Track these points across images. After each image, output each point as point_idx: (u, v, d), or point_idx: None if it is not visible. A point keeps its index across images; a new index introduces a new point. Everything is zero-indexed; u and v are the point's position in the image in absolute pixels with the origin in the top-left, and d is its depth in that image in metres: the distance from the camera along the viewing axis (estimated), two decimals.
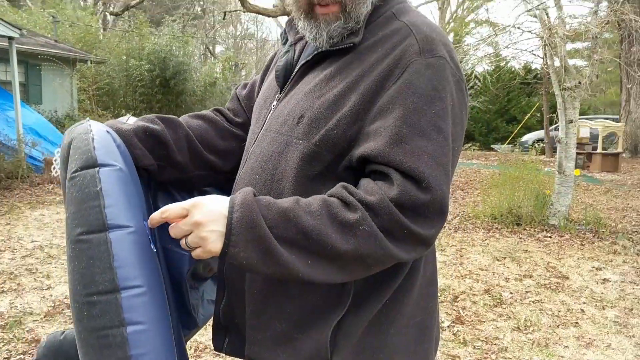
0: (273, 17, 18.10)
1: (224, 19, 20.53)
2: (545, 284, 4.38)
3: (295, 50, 1.19)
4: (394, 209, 0.89)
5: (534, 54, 7.68)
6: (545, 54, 6.53)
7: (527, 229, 6.19)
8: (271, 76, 1.24)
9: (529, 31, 6.81)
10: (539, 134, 18.80)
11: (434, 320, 1.16)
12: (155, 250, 0.97)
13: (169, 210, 0.90)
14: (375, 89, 0.98)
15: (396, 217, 0.89)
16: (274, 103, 1.15)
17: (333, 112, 1.00)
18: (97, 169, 0.91)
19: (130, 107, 15.96)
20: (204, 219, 0.87)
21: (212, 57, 36.10)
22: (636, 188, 10.34)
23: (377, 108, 0.97)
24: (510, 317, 3.69)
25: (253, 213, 0.87)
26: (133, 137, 1.08)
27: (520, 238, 5.84)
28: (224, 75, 24.56)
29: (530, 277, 4.54)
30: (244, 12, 15.96)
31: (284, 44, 1.23)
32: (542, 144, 17.55)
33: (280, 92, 1.15)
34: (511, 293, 4.16)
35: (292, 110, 1.06)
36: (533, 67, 20.21)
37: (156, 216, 0.92)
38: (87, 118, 1.07)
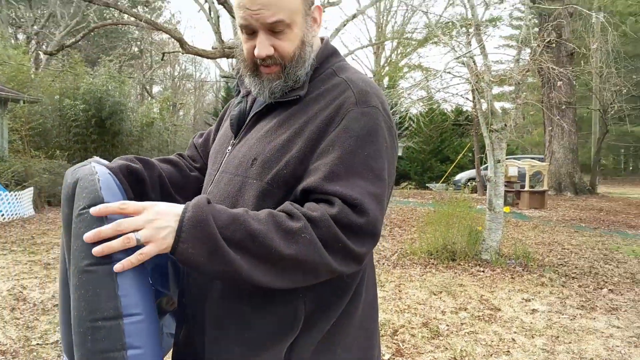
0: (212, 58, 18.23)
1: (162, 59, 20.45)
2: (479, 316, 4.58)
3: (247, 101, 1.33)
4: (333, 224, 1.01)
5: (465, 98, 8.14)
6: (474, 98, 6.95)
7: (462, 264, 6.44)
8: (226, 124, 1.37)
9: (459, 76, 7.24)
10: (471, 173, 19.61)
11: (375, 341, 1.29)
12: (151, 282, 1.05)
13: (128, 204, 0.98)
14: (318, 134, 1.12)
15: (334, 231, 1.01)
16: (229, 148, 1.28)
17: (282, 154, 1.13)
18: None
19: (64, 148, 15.54)
20: (159, 216, 0.96)
21: (150, 97, 35.77)
22: (561, 224, 10.94)
23: (320, 150, 1.11)
24: (447, 348, 3.84)
25: (204, 213, 0.96)
26: (119, 174, 1.16)
27: (455, 273, 6.07)
28: (161, 116, 24.37)
29: (465, 310, 4.74)
30: (182, 53, 16.00)
31: (237, 95, 1.37)
32: (474, 183, 18.28)
33: (235, 138, 1.28)
34: (447, 325, 4.33)
35: (246, 154, 1.18)
36: (464, 110, 21.20)
37: (114, 206, 0.98)
38: (91, 159, 1.15)
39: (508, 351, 3.82)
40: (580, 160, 18.74)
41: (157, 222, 0.95)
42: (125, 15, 18.07)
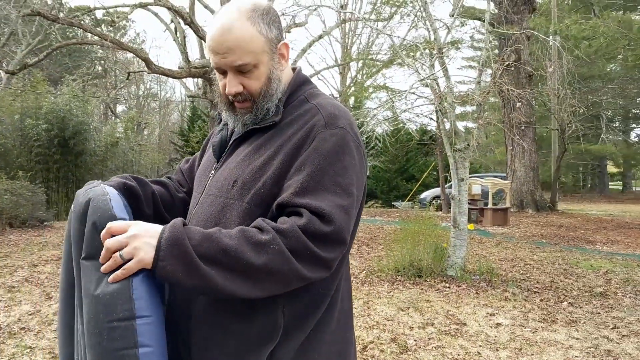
0: (178, 78, 18.22)
1: (127, 79, 20.33)
2: (445, 331, 4.69)
3: (227, 129, 1.45)
4: (301, 234, 1.11)
5: (430, 118, 8.35)
6: (437, 118, 7.17)
7: (428, 280, 6.58)
8: (209, 151, 1.49)
9: (424, 97, 7.45)
10: (436, 191, 19.93)
11: (352, 348, 1.38)
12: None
13: (113, 224, 1.10)
14: (292, 155, 1.24)
15: (302, 240, 1.11)
16: (212, 172, 1.40)
17: (260, 175, 1.24)
18: None
19: (25, 168, 15.23)
20: (140, 233, 1.08)
21: (114, 117, 35.35)
22: (523, 240, 11.23)
23: (293, 169, 1.22)
24: None
25: (179, 233, 1.07)
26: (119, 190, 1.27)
27: (422, 289, 6.20)
28: (126, 135, 24.09)
29: (432, 325, 4.85)
30: (149, 73, 15.96)
31: (218, 123, 1.50)
32: (439, 201, 18.60)
33: (217, 163, 1.40)
34: (415, 340, 4.42)
35: (227, 177, 1.30)
36: (428, 129, 21.62)
37: (104, 232, 1.10)
38: (99, 182, 1.27)
39: None
40: (540, 178, 19.29)
41: (137, 241, 1.07)
42: (89, 34, 17.96)
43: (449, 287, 6.28)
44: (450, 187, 18.72)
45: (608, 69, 19.85)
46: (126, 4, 14.87)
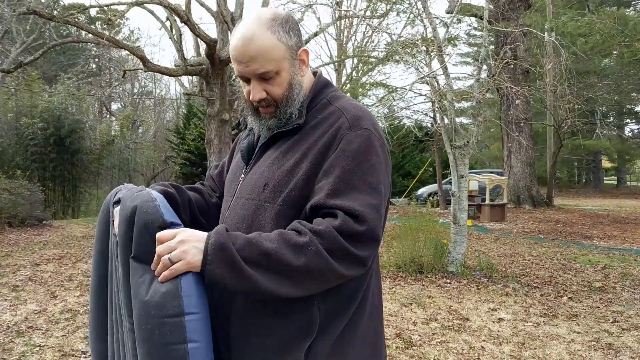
0: (175, 76, 18.18)
1: (123, 77, 20.26)
2: (449, 326, 4.75)
3: (254, 134, 1.51)
4: (337, 234, 1.17)
5: (427, 115, 8.39)
6: (434, 115, 7.21)
7: (429, 276, 6.63)
8: (237, 156, 1.56)
9: (423, 94, 7.49)
10: (433, 187, 20.01)
11: (382, 340, 1.44)
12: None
13: (162, 233, 1.16)
14: (320, 157, 1.29)
15: (338, 240, 1.17)
16: (242, 176, 1.45)
17: (290, 178, 1.30)
18: (169, 228, 1.20)
19: (21, 167, 15.20)
20: (188, 238, 1.15)
21: (109, 115, 35.23)
22: (521, 235, 11.31)
23: (323, 171, 1.28)
24: (420, 357, 3.99)
25: (224, 238, 1.14)
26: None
27: (423, 285, 6.25)
28: (122, 133, 24.04)
29: (435, 320, 4.91)
30: (145, 71, 15.94)
31: (244, 129, 1.57)
32: (435, 197, 18.67)
33: (246, 168, 1.46)
34: (420, 335, 4.48)
35: (258, 180, 1.36)
36: (423, 125, 21.67)
37: (158, 242, 1.16)
38: (143, 186, 1.32)
39: (478, 358, 3.99)
40: (536, 173, 19.38)
41: (185, 245, 1.13)
42: (84, 33, 17.88)
43: (450, 283, 6.34)
44: (447, 183, 18.77)
45: (602, 65, 19.95)
46: (122, 1, 14.81)
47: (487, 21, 6.95)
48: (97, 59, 35.71)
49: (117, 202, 1.43)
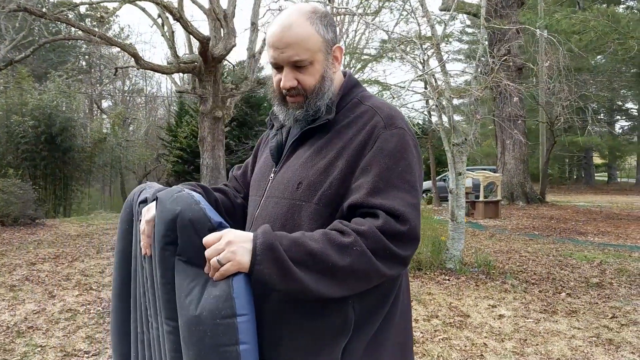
0: (168, 74, 18.09)
1: (115, 74, 20.14)
2: (450, 323, 4.76)
3: (282, 133, 1.50)
4: (380, 234, 1.17)
5: (422, 112, 8.39)
6: (429, 113, 7.23)
7: (428, 273, 6.65)
8: (264, 155, 1.55)
9: (417, 92, 7.49)
10: (427, 184, 20.02)
11: (411, 340, 1.43)
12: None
13: (208, 238, 1.15)
14: (356, 156, 1.29)
15: (381, 240, 1.17)
16: (272, 175, 1.44)
17: (326, 176, 1.29)
18: (217, 229, 1.19)
19: (12, 165, 15.07)
20: (235, 239, 1.13)
21: (100, 113, 34.99)
22: (516, 232, 11.37)
23: (359, 170, 1.27)
24: (424, 354, 4.00)
25: (272, 238, 1.13)
26: None
27: (423, 282, 6.27)
28: (114, 131, 23.89)
29: (436, 317, 4.92)
30: (137, 68, 15.84)
31: (271, 129, 1.55)
32: (430, 194, 18.71)
33: (276, 167, 1.44)
34: (422, 333, 4.49)
35: (291, 179, 1.34)
36: (415, 122, 21.68)
37: (206, 248, 1.15)
38: (179, 187, 1.28)
39: (482, 355, 4.00)
40: (529, 170, 19.47)
41: (233, 246, 1.12)
42: (74, 30, 17.72)
43: (448, 280, 6.35)
44: (442, 180, 18.81)
45: (594, 63, 20.08)
46: None
47: (485, 19, 6.97)
48: (87, 57, 35.47)
49: (144, 201, 1.41)
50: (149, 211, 1.31)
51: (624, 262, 7.81)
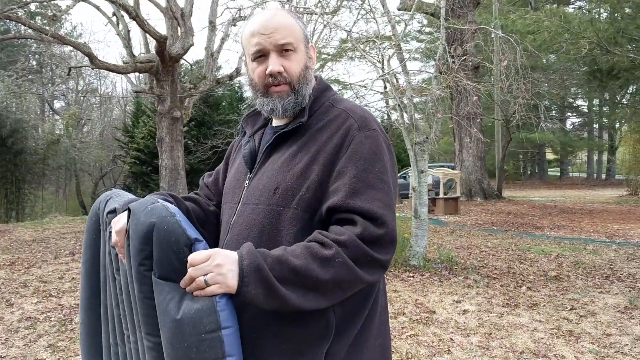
0: (124, 73, 17.72)
1: (68, 74, 19.57)
2: (417, 319, 4.83)
3: (255, 139, 1.50)
4: (359, 242, 1.18)
5: (383, 112, 8.47)
6: (389, 112, 7.31)
7: (392, 270, 6.72)
8: (237, 162, 1.54)
9: (380, 92, 7.55)
10: None
11: (389, 340, 1.45)
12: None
13: (195, 257, 1.13)
14: (332, 159, 1.30)
15: (362, 248, 1.18)
16: (246, 182, 1.43)
17: (302, 181, 1.29)
18: (194, 245, 1.16)
19: None
20: (224, 262, 1.12)
21: (52, 114, 34.00)
22: (475, 228, 11.61)
23: (336, 172, 1.28)
24: (393, 351, 4.03)
25: (258, 259, 1.12)
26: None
27: (388, 279, 6.32)
28: (68, 132, 23.26)
29: (403, 314, 4.97)
30: (92, 68, 15.44)
31: (243, 135, 1.55)
32: None
33: (250, 173, 1.44)
34: (390, 330, 4.52)
35: (267, 184, 1.34)
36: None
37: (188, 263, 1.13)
38: (155, 198, 1.25)
39: (449, 350, 4.07)
40: (486, 167, 19.90)
41: (220, 268, 1.11)
42: (24, 28, 17.15)
43: (413, 277, 6.44)
44: (402, 177, 18.99)
45: (546, 61, 20.69)
46: None
47: (444, 18, 7.08)
48: (38, 56, 34.41)
49: (112, 211, 1.37)
50: (119, 222, 1.27)
51: (579, 255, 8.07)
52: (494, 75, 10.55)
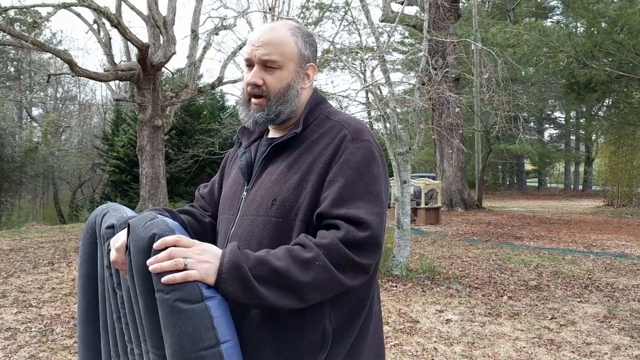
0: (105, 81, 17.58)
1: (48, 81, 19.36)
2: (400, 329, 4.85)
3: (250, 151, 1.53)
4: (341, 245, 1.20)
5: (367, 123, 8.52)
6: (371, 123, 7.37)
7: None
8: (234, 173, 1.56)
9: (363, 103, 7.61)
10: None
11: (383, 348, 1.48)
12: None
13: (182, 238, 1.15)
14: (325, 169, 1.33)
15: (343, 252, 1.20)
16: (244, 193, 1.45)
17: (299, 192, 1.32)
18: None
19: None
20: (204, 252, 1.14)
21: (30, 121, 33.53)
22: (456, 238, 11.70)
23: (327, 182, 1.31)
24: None
25: (238, 258, 1.14)
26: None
27: None
28: (46, 140, 22.97)
29: (387, 324, 5.00)
30: (73, 76, 15.30)
31: (239, 147, 1.57)
32: None
33: (248, 184, 1.46)
34: None
35: (265, 196, 1.36)
36: None
37: (170, 239, 1.13)
38: (154, 213, 1.25)
39: (433, 359, 4.10)
40: (466, 177, 20.10)
41: (202, 256, 1.13)
42: (2, 34, 16.94)
43: (396, 287, 6.47)
44: None
45: (524, 73, 21.05)
46: (46, 3, 14.14)
47: (420, 30, 7.18)
48: (16, 62, 33.97)
49: (110, 227, 1.36)
50: (118, 239, 1.27)
51: (558, 265, 8.19)
52: (474, 87, 10.72)
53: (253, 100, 1.42)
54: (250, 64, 1.41)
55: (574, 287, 6.65)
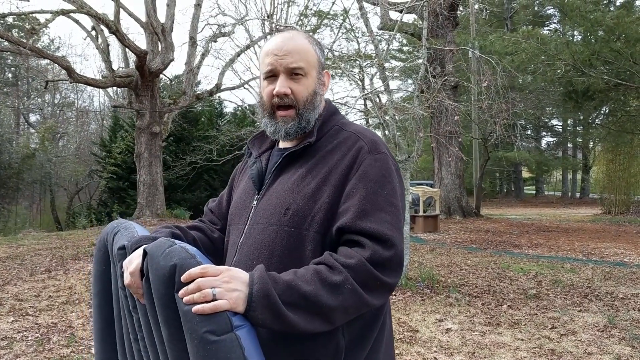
0: (103, 88, 17.58)
1: (45, 88, 19.37)
2: (400, 338, 4.82)
3: (261, 160, 1.51)
4: (369, 266, 1.19)
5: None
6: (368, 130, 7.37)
7: None
8: (244, 183, 1.54)
9: (362, 110, 7.60)
10: None
11: None
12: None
13: (208, 267, 1.11)
14: (342, 180, 1.31)
15: (371, 272, 1.19)
16: (254, 203, 1.43)
17: (314, 202, 1.30)
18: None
19: None
20: (232, 279, 1.11)
21: (28, 127, 33.49)
22: (455, 245, 11.68)
23: (346, 193, 1.30)
24: None
25: (267, 285, 1.11)
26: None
27: None
28: (43, 147, 22.92)
29: None
30: (71, 82, 15.29)
31: (249, 157, 1.56)
32: None
33: (258, 193, 1.44)
34: None
35: (277, 205, 1.34)
36: None
37: (196, 271, 1.09)
38: (168, 239, 1.20)
39: None
40: (464, 184, 20.10)
41: (230, 284, 1.10)
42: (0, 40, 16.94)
43: (395, 295, 6.43)
44: None
45: (522, 81, 21.13)
46: (45, 10, 14.13)
47: (419, 37, 7.18)
48: (14, 69, 33.99)
49: (122, 248, 1.34)
50: (131, 263, 1.24)
51: (557, 273, 8.16)
52: (472, 95, 10.74)
53: (280, 112, 1.41)
54: (273, 75, 1.40)
55: (573, 296, 6.62)
